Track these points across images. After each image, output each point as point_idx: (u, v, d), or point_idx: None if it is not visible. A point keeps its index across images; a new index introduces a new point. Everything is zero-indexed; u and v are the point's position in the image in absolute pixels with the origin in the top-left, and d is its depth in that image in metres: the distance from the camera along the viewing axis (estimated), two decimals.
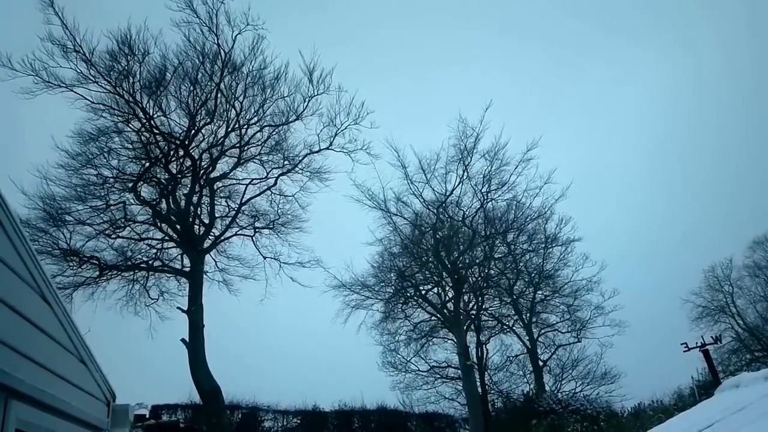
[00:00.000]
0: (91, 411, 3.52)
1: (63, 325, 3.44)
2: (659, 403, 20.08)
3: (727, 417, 5.89)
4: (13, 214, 2.86)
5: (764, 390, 6.34)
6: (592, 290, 37.79)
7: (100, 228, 27.84)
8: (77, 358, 3.61)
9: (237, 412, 30.07)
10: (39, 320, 2.99)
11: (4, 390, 2.51)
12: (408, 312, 37.62)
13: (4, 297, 2.72)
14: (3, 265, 2.79)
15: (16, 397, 2.54)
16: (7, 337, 2.60)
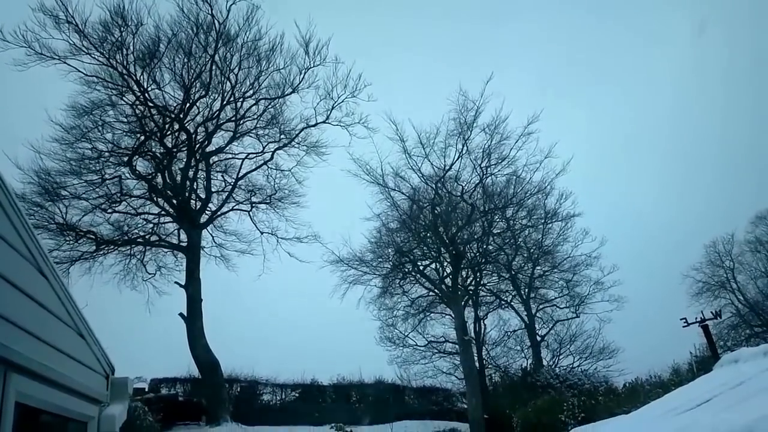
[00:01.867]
0: (91, 384, 3.47)
1: (60, 299, 3.37)
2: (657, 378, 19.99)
3: (725, 392, 5.66)
4: (8, 187, 2.78)
5: (763, 365, 6.10)
6: (591, 265, 37.62)
7: (96, 202, 27.69)
8: (75, 332, 3.53)
9: (236, 385, 30.18)
10: (36, 294, 2.97)
11: (3, 363, 2.54)
12: (406, 287, 37.56)
13: (1, 270, 2.64)
14: None
15: (16, 370, 2.57)
16: (5, 310, 2.62)
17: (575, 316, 37.82)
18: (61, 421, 3.43)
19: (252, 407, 29.14)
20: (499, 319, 39.34)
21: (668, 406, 6.87)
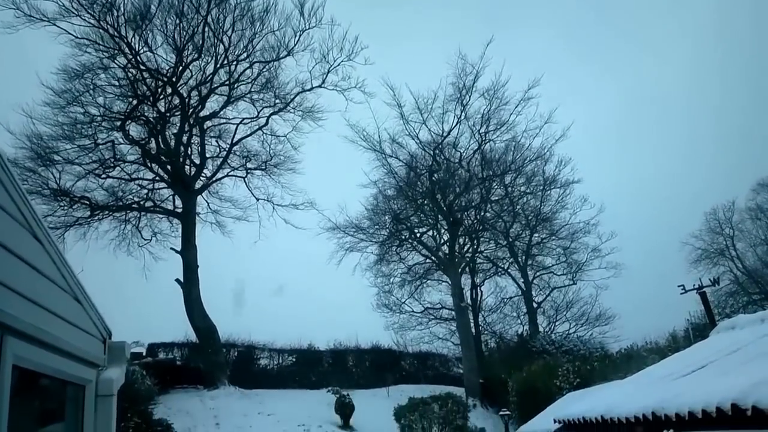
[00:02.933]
0: (88, 348, 3.46)
1: (56, 264, 3.31)
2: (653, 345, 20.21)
3: (722, 358, 5.65)
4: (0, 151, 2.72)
5: (760, 331, 6.10)
6: (589, 233, 37.75)
7: (89, 168, 27.39)
8: (71, 296, 3.48)
9: (233, 350, 30.43)
10: (31, 258, 2.94)
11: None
12: (403, 255, 37.69)
13: None
14: None
15: (12, 333, 2.59)
16: (1, 274, 2.61)
17: (572, 283, 38.13)
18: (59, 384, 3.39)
19: (249, 372, 29.46)
20: (495, 286, 39.70)
21: (664, 371, 6.89)
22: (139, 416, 17.04)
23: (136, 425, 16.60)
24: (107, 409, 3.39)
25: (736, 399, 3.33)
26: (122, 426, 15.60)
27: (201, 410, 22.73)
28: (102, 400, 3.40)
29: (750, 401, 3.23)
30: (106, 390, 3.52)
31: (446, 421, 23.16)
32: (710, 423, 3.58)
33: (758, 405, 3.13)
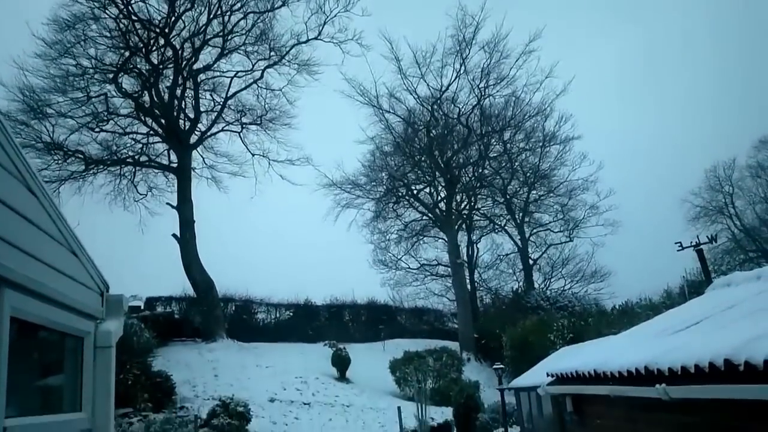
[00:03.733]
0: (85, 300, 3.45)
1: (51, 216, 3.27)
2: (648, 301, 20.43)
3: (716, 314, 5.68)
4: None
5: (756, 288, 6.11)
6: (587, 190, 37.71)
7: (82, 121, 27.01)
8: (68, 249, 3.45)
9: (230, 304, 30.84)
10: (26, 211, 2.91)
11: None
12: (399, 211, 37.75)
13: None
14: None
15: (9, 285, 2.60)
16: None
17: (569, 240, 38.34)
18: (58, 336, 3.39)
19: (247, 325, 29.93)
20: (492, 243, 39.92)
21: (658, 327, 6.96)
22: (138, 368, 17.34)
23: (135, 376, 16.91)
24: (106, 360, 3.40)
25: (729, 355, 3.35)
26: (121, 377, 15.89)
27: (199, 362, 23.15)
28: (101, 351, 3.41)
29: (743, 357, 3.25)
30: (105, 342, 3.52)
31: (440, 374, 23.70)
32: (703, 378, 3.62)
33: (750, 361, 3.15)
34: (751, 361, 3.14)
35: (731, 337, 3.75)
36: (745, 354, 3.23)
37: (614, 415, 5.76)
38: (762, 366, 3.04)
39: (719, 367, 3.41)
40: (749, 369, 3.14)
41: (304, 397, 21.26)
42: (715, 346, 3.63)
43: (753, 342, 3.33)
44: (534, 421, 12.65)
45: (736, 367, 3.26)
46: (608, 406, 5.87)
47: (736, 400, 3.48)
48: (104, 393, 3.24)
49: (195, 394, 19.83)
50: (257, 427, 17.30)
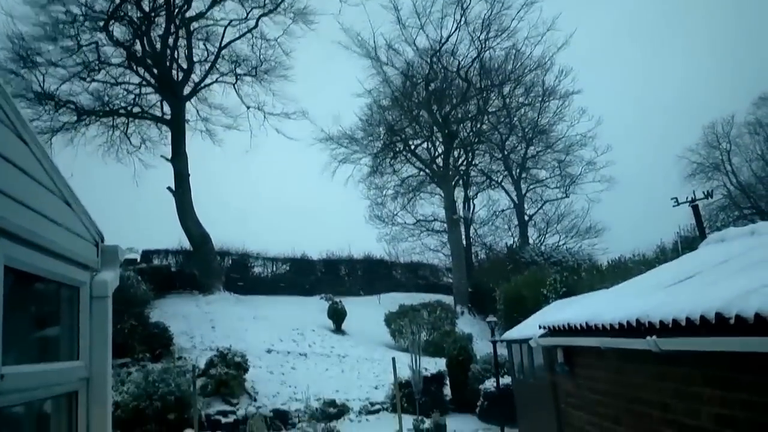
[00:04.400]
0: (80, 250, 3.42)
1: (43, 165, 3.21)
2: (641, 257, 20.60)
3: (709, 269, 5.71)
4: None
5: (750, 244, 6.14)
6: (585, 146, 37.61)
7: (73, 70, 26.44)
8: (61, 199, 3.40)
9: (227, 258, 31.03)
10: (17, 159, 2.87)
11: None
12: (396, 167, 37.58)
13: None
14: None
15: (2, 234, 2.54)
16: None
17: (565, 197, 38.46)
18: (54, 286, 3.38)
19: (244, 279, 30.20)
20: (488, 199, 40.03)
21: (650, 281, 7.02)
22: (136, 319, 17.58)
23: (132, 327, 17.17)
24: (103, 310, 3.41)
25: (720, 308, 3.38)
26: (119, 328, 16.13)
27: (197, 314, 23.46)
28: (97, 301, 3.40)
29: (734, 310, 3.28)
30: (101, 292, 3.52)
31: (434, 326, 24.13)
32: (693, 330, 3.67)
33: (741, 314, 3.18)
34: (742, 314, 3.17)
35: (723, 291, 3.77)
36: (737, 308, 3.26)
37: (604, 366, 5.88)
38: (752, 319, 3.07)
39: (710, 321, 3.44)
40: (740, 322, 3.18)
41: (300, 348, 21.68)
42: (707, 299, 3.66)
43: (744, 296, 3.36)
44: (525, 372, 12.96)
45: (727, 320, 3.29)
46: (598, 357, 5.99)
47: (724, 352, 3.54)
48: (102, 342, 3.24)
49: (193, 345, 20.19)
50: (255, 376, 17.71)
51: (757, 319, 3.04)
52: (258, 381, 17.68)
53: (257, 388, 17.31)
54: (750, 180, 39.52)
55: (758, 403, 3.32)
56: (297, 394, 17.30)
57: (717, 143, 40.67)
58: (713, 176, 40.32)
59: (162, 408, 13.58)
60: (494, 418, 14.62)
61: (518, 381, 13.74)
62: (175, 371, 15.03)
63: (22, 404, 2.69)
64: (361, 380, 19.29)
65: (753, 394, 3.37)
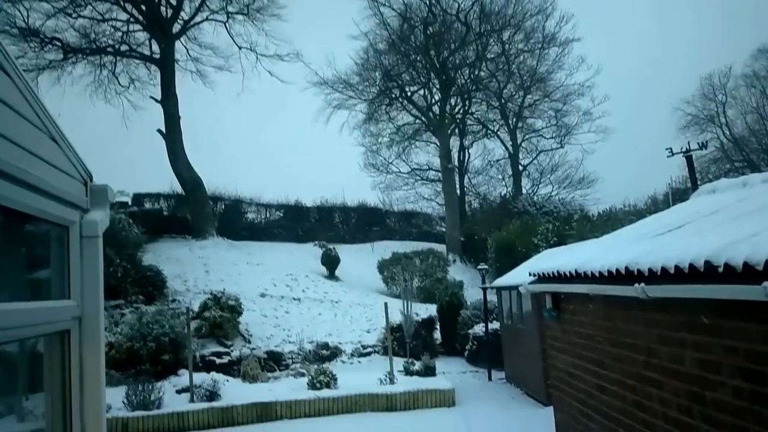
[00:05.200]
0: (68, 189, 3.34)
1: (27, 100, 3.05)
2: (632, 207, 20.73)
3: (699, 219, 5.73)
4: None
5: (741, 195, 6.14)
6: (583, 95, 37.22)
7: (59, 5, 25.46)
8: (47, 135, 3.28)
9: (220, 203, 30.90)
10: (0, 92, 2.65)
11: None
12: (392, 114, 37.09)
13: None
14: None
15: None
16: None
17: (559, 147, 38.35)
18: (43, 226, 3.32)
19: (237, 224, 30.21)
20: (483, 149, 39.84)
21: (641, 230, 7.05)
22: (128, 261, 17.63)
23: (125, 270, 17.23)
24: (93, 251, 3.36)
25: (709, 256, 3.41)
26: (111, 270, 16.21)
27: (190, 258, 23.58)
28: (87, 241, 3.35)
29: (723, 259, 3.30)
30: (91, 231, 3.47)
31: (427, 273, 24.45)
32: (682, 278, 3.71)
33: (730, 262, 3.21)
34: (730, 262, 3.20)
35: (712, 240, 3.79)
36: (725, 256, 3.28)
37: (591, 313, 5.99)
38: (741, 268, 3.10)
39: (699, 269, 3.48)
40: (728, 271, 3.21)
41: (294, 293, 21.97)
42: (696, 248, 3.68)
43: (733, 245, 3.38)
44: (513, 318, 13.25)
45: (716, 268, 3.32)
46: (586, 304, 6.09)
47: (710, 299, 3.60)
48: (93, 282, 3.21)
49: (186, 288, 20.39)
50: (248, 320, 18.00)
51: (746, 267, 3.07)
52: (252, 324, 17.98)
53: (251, 331, 17.63)
54: (743, 133, 39.48)
55: (740, 349, 3.40)
56: (290, 337, 17.65)
57: (713, 95, 40.39)
58: (707, 128, 40.25)
59: (156, 349, 13.83)
60: (482, 361, 15.04)
61: (506, 326, 14.06)
62: (169, 313, 15.23)
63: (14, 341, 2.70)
64: (353, 325, 19.66)
65: (736, 340, 3.44)
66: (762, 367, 3.19)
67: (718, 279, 3.33)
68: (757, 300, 2.95)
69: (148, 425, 10.37)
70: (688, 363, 4.03)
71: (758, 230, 3.53)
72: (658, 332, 4.49)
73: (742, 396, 3.39)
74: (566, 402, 7.09)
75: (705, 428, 3.83)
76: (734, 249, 3.31)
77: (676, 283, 3.78)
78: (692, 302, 3.85)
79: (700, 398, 3.88)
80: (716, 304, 3.60)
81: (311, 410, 11.09)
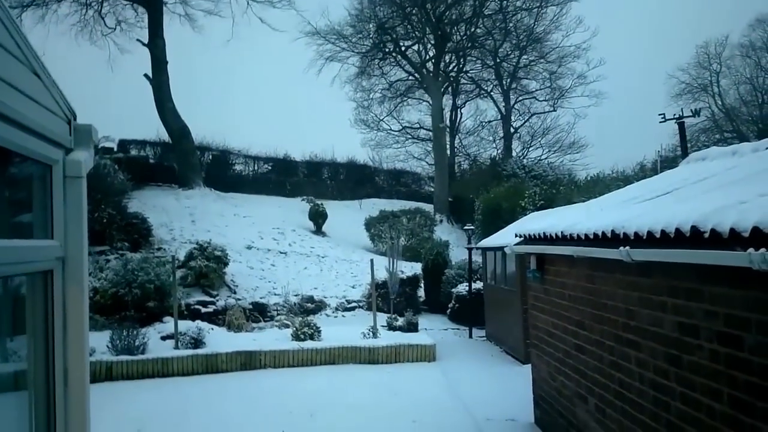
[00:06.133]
0: (51, 126, 3.22)
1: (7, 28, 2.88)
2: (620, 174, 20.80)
3: (688, 185, 5.75)
4: None
5: (731, 163, 6.15)
6: (578, 57, 36.79)
7: None
8: (29, 69, 3.12)
9: (207, 153, 30.50)
10: None
11: None
12: (385, 69, 36.50)
13: None
14: None
15: None
16: None
17: (552, 110, 38.13)
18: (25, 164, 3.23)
19: (224, 176, 29.94)
20: (476, 109, 39.52)
21: (628, 195, 7.08)
22: (114, 208, 17.45)
23: (110, 216, 17.08)
24: (77, 191, 3.28)
25: (696, 221, 3.42)
26: (96, 217, 16.06)
27: (176, 208, 23.41)
28: (71, 181, 3.27)
29: (709, 225, 3.31)
30: (75, 171, 3.39)
31: (413, 232, 24.58)
32: (667, 243, 3.73)
33: (717, 228, 3.22)
34: (717, 228, 3.21)
35: (699, 206, 3.80)
36: (712, 222, 3.29)
37: (575, 275, 6.06)
38: (727, 234, 3.11)
39: (684, 234, 3.49)
40: (714, 236, 3.23)
41: (280, 247, 22.02)
42: (683, 214, 3.69)
43: (721, 211, 3.38)
44: (496, 278, 13.43)
45: (702, 234, 3.34)
46: (570, 266, 6.16)
47: (692, 265, 3.63)
48: (76, 223, 3.15)
49: (172, 237, 20.32)
50: (234, 271, 18.06)
51: (732, 233, 3.08)
52: (238, 275, 18.06)
53: (237, 282, 17.72)
54: (735, 104, 39.48)
55: (720, 314, 3.46)
56: (276, 289, 17.78)
57: (708, 64, 40.20)
58: (700, 97, 40.24)
59: (141, 296, 13.87)
60: (464, 319, 15.31)
61: (489, 286, 14.26)
62: (155, 261, 15.21)
63: None
64: (338, 280, 19.83)
65: (716, 305, 3.49)
66: (740, 332, 3.25)
67: (703, 245, 3.35)
68: (741, 266, 2.97)
69: (133, 369, 10.49)
70: (667, 326, 4.10)
71: (746, 198, 3.54)
72: (640, 295, 4.56)
73: (719, 360, 3.46)
74: (544, 360, 7.26)
75: (679, 390, 3.94)
76: (721, 215, 3.31)
77: (662, 246, 3.80)
78: (676, 267, 3.90)
79: (676, 361, 3.97)
80: (700, 270, 3.64)
81: (295, 360, 11.28)
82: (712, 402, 3.53)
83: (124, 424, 7.74)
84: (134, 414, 8.25)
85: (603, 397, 5.37)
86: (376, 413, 8.02)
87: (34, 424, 2.30)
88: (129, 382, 10.21)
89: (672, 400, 4.04)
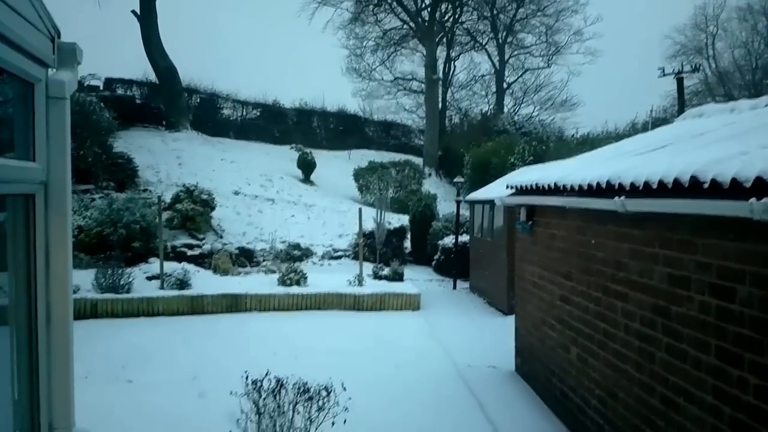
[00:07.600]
0: (34, 41, 3.01)
1: None
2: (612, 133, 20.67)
3: (685, 139, 5.69)
4: None
5: (729, 119, 6.09)
6: (576, 12, 36.15)
7: None
8: None
9: (195, 96, 29.80)
10: None
11: None
12: (379, 16, 35.45)
13: None
14: None
15: None
16: None
17: (546, 67, 37.67)
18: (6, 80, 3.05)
19: (212, 120, 29.40)
20: (470, 62, 38.89)
21: (622, 149, 7.03)
22: (99, 147, 17.11)
23: (95, 155, 16.76)
24: (60, 113, 3.13)
25: (696, 172, 3.36)
26: (81, 155, 15.74)
27: (163, 150, 23.04)
28: (54, 102, 3.11)
29: (710, 175, 3.26)
30: (58, 92, 3.21)
31: (402, 185, 24.50)
32: (664, 193, 3.68)
33: (718, 178, 3.17)
34: (718, 178, 3.15)
35: (698, 157, 3.74)
36: (713, 172, 3.23)
37: (565, 226, 6.05)
38: (728, 184, 3.06)
39: (683, 184, 3.44)
40: (714, 186, 3.17)
41: (268, 194, 21.86)
42: (681, 164, 3.63)
43: (722, 161, 3.33)
44: (483, 231, 13.48)
45: (701, 184, 3.29)
46: (561, 217, 6.14)
47: (686, 216, 3.61)
48: (59, 147, 3.02)
49: (159, 179, 20.06)
50: (221, 215, 17.94)
51: (733, 183, 3.03)
52: (224, 220, 17.95)
53: (224, 227, 17.63)
54: (729, 68, 39.27)
55: (713, 266, 3.45)
56: (263, 235, 17.74)
57: (705, 25, 39.72)
58: (694, 59, 39.82)
59: (127, 236, 13.75)
60: (448, 271, 15.45)
61: (475, 239, 14.33)
62: (141, 202, 15.02)
63: None
64: (325, 228, 19.81)
65: (710, 257, 3.48)
66: (733, 284, 3.25)
67: (701, 195, 3.31)
68: (741, 217, 2.93)
69: (117, 308, 10.50)
70: (657, 277, 4.11)
71: (748, 149, 3.49)
72: (630, 246, 4.55)
73: (709, 311, 3.48)
74: (528, 311, 7.35)
75: (666, 340, 3.98)
76: (723, 165, 3.26)
77: (659, 197, 3.76)
78: (670, 218, 3.87)
79: (664, 312, 3.99)
80: (694, 221, 3.61)
81: (280, 305, 11.35)
82: (699, 353, 3.57)
83: (109, 361, 7.78)
84: (119, 351, 8.29)
85: (586, 347, 5.45)
86: (360, 357, 8.13)
87: (16, 360, 2.23)
88: (114, 320, 10.23)
89: (657, 350, 4.09)
